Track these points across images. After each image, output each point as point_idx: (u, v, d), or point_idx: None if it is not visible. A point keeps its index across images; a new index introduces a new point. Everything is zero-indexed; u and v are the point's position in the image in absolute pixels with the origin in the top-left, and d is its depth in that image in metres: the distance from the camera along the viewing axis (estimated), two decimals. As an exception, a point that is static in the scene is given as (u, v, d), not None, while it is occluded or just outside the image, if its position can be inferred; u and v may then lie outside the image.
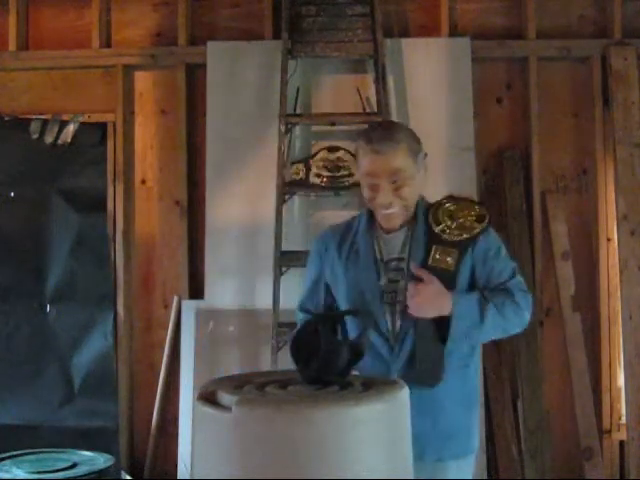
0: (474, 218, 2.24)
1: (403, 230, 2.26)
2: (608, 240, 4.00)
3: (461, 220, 2.23)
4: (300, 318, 2.36)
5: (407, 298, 2.13)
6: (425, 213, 2.25)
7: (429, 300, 2.12)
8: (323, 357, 1.82)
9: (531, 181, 3.97)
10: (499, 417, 3.87)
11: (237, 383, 1.85)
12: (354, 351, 1.88)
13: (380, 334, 2.21)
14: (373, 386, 1.81)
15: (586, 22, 4.09)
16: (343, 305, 2.29)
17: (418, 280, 2.14)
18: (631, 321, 3.85)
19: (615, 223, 3.93)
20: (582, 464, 3.84)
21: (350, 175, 3.77)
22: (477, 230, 2.22)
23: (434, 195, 2.35)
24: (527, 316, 2.24)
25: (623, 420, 3.91)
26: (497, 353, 3.94)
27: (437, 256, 2.18)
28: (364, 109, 3.87)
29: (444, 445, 2.18)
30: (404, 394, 1.79)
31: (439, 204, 2.28)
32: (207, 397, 1.76)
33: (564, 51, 4.00)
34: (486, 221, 2.24)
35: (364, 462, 1.66)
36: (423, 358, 2.15)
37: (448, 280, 2.16)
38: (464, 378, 2.26)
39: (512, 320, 2.20)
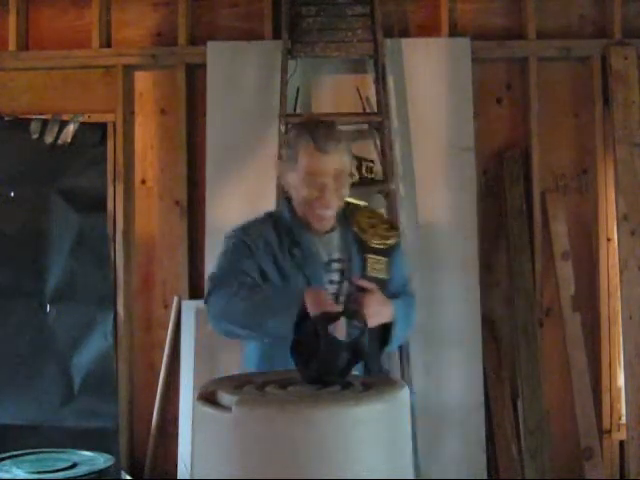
0: (387, 226, 2.31)
1: (335, 232, 2.25)
2: (608, 240, 4.00)
3: (379, 228, 2.27)
4: (217, 285, 2.19)
5: (363, 311, 2.03)
6: (346, 216, 2.25)
7: (378, 309, 2.06)
8: (323, 357, 1.82)
9: (531, 181, 3.97)
10: (499, 417, 3.87)
11: (237, 383, 1.85)
12: (354, 352, 1.88)
13: None
14: (373, 386, 1.81)
15: (586, 22, 4.09)
16: None
17: (362, 290, 2.09)
18: (631, 321, 3.85)
19: (615, 223, 3.93)
20: (582, 464, 3.84)
21: (350, 175, 3.76)
22: (397, 237, 2.29)
23: (433, 195, 2.37)
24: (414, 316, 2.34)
25: (623, 420, 3.92)
26: (497, 353, 3.94)
27: (374, 266, 2.20)
28: (364, 109, 3.87)
29: None
30: (404, 394, 1.79)
31: (355, 208, 2.29)
32: (207, 397, 1.76)
33: (564, 51, 4.00)
34: (398, 229, 2.35)
35: (364, 462, 1.66)
36: (372, 366, 2.11)
37: (383, 288, 2.14)
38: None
39: (414, 320, 2.31)
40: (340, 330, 1.96)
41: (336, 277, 2.22)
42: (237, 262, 2.20)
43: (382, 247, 2.23)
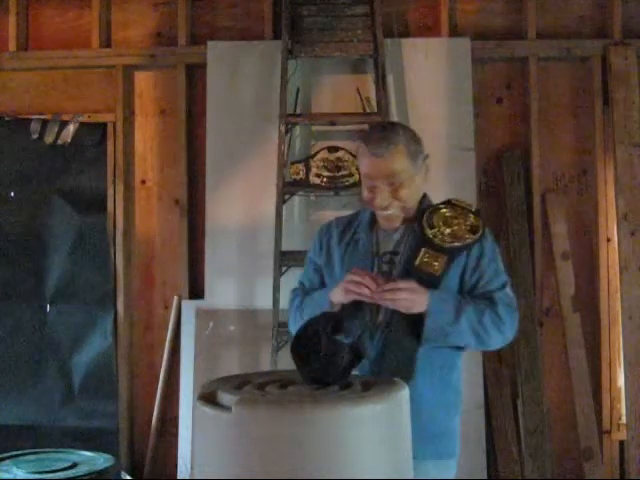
0: (468, 227, 2.23)
1: (402, 228, 2.29)
2: (608, 240, 4.00)
3: (455, 228, 2.23)
4: (292, 298, 2.41)
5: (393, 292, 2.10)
6: (421, 213, 2.26)
7: (408, 295, 2.09)
8: (324, 357, 1.82)
9: (531, 181, 3.97)
10: (499, 417, 3.87)
11: (237, 383, 1.85)
12: (354, 352, 1.88)
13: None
14: (373, 386, 1.81)
15: (586, 22, 4.09)
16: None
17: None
18: (631, 321, 3.85)
19: (615, 223, 3.93)
20: (582, 464, 3.84)
21: (350, 175, 3.77)
22: (469, 240, 2.21)
23: (434, 195, 2.36)
24: (509, 332, 2.22)
25: (623, 420, 3.92)
26: (497, 353, 3.94)
27: (425, 259, 2.18)
28: (364, 109, 3.88)
29: (421, 445, 2.05)
30: (404, 394, 1.80)
31: (436, 208, 2.28)
32: (207, 397, 1.76)
33: (564, 51, 4.00)
34: (479, 233, 2.22)
35: (364, 462, 1.66)
36: (393, 350, 2.15)
37: (432, 284, 2.15)
38: (446, 383, 2.25)
39: (490, 330, 2.17)
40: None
41: (386, 268, 2.26)
42: (306, 266, 2.43)
43: (445, 245, 2.19)
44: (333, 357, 1.83)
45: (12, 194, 4.13)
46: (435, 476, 2.20)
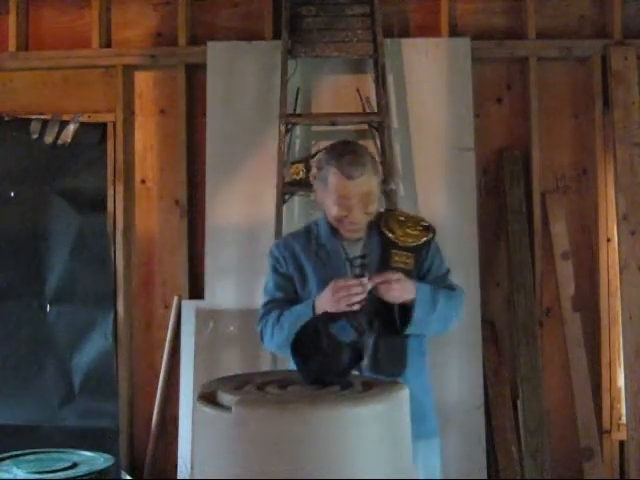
0: (421, 228, 2.49)
1: (363, 237, 2.47)
2: (608, 240, 4.00)
3: (411, 230, 2.47)
4: (263, 314, 2.48)
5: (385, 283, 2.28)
6: (377, 220, 2.46)
7: (401, 283, 2.29)
8: (323, 358, 1.82)
9: (531, 181, 3.97)
10: (499, 417, 3.87)
11: (237, 383, 1.85)
12: (354, 352, 1.88)
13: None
14: (373, 386, 1.81)
15: (586, 22, 4.09)
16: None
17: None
18: (631, 321, 3.85)
19: (615, 223, 3.93)
20: (582, 464, 3.84)
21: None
22: (427, 238, 2.47)
23: (435, 195, 2.40)
24: (461, 313, 2.50)
25: (623, 420, 3.91)
26: (497, 353, 3.94)
27: (396, 258, 2.40)
28: (364, 109, 3.87)
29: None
30: (404, 394, 1.79)
31: (391, 213, 2.56)
32: (207, 397, 1.76)
33: (564, 51, 4.00)
34: (432, 231, 2.49)
35: (364, 462, 1.66)
36: (385, 345, 2.33)
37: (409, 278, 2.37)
38: (422, 367, 2.48)
39: (454, 309, 2.45)
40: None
41: (359, 271, 2.42)
42: (273, 281, 2.52)
43: (409, 245, 2.43)
44: (333, 357, 1.83)
45: (12, 194, 4.13)
46: (427, 454, 2.45)
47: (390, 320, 2.31)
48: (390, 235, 2.43)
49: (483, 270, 3.89)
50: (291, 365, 1.93)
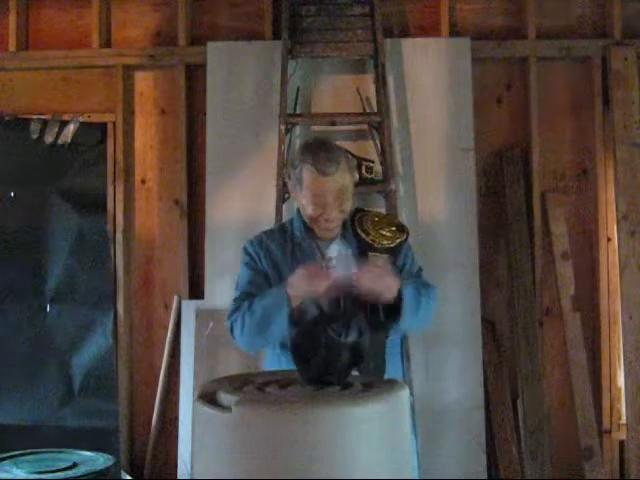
0: (394, 228, 2.51)
1: (339, 237, 2.48)
2: (608, 240, 4.00)
3: (385, 231, 2.49)
4: (236, 307, 2.45)
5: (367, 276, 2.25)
6: (351, 220, 2.48)
7: (384, 274, 2.27)
8: (323, 358, 1.82)
9: (531, 181, 3.97)
10: (499, 417, 3.87)
11: (237, 383, 1.85)
12: (354, 352, 1.88)
13: None
14: (373, 386, 1.81)
15: (586, 22, 4.09)
16: None
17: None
18: (631, 321, 3.85)
19: (615, 223, 3.93)
20: (582, 464, 3.84)
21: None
22: (401, 239, 2.48)
23: (436, 195, 2.39)
24: (435, 306, 2.49)
25: (623, 420, 3.92)
26: (497, 353, 3.94)
27: (374, 261, 2.41)
28: (364, 109, 3.87)
29: None
30: (404, 394, 1.80)
31: (364, 214, 2.53)
32: (207, 397, 1.76)
33: (564, 51, 4.00)
34: (406, 231, 2.51)
35: (364, 462, 1.66)
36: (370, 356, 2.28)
37: None
38: (399, 365, 2.53)
39: (432, 308, 2.43)
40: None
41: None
42: (246, 277, 2.49)
43: (384, 246, 2.44)
44: (333, 357, 1.83)
45: (12, 194, 4.13)
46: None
47: (375, 320, 2.28)
48: (365, 237, 2.45)
49: (483, 270, 3.89)
50: (288, 365, 1.93)
